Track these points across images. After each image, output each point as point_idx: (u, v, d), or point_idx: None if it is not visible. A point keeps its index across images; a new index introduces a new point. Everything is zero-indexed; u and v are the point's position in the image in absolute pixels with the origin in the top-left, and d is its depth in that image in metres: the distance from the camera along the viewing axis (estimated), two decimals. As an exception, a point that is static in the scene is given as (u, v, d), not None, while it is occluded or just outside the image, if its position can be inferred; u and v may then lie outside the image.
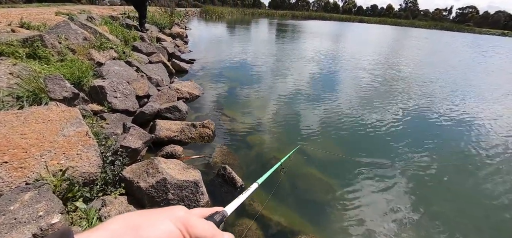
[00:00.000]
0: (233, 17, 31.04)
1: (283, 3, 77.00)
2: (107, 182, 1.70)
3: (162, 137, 2.47)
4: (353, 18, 55.98)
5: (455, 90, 5.28)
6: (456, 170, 2.54)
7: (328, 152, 2.64)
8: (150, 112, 2.83)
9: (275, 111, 3.59)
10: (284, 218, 1.79)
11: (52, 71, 2.47)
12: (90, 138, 1.77)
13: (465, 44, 18.22)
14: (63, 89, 2.31)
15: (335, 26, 30.53)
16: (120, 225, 0.26)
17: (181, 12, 18.42)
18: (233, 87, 4.47)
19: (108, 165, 1.81)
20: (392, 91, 4.94)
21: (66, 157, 1.56)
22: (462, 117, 3.81)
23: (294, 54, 8.47)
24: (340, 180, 2.21)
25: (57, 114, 1.86)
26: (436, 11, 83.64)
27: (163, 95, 3.33)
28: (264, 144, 2.71)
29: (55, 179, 1.42)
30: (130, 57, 4.19)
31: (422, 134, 3.21)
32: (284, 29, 19.42)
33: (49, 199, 1.30)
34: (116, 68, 3.38)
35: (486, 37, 33.60)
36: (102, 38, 4.10)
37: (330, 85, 5.06)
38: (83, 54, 3.25)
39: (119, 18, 7.18)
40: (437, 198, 2.11)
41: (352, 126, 3.28)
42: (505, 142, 3.16)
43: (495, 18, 74.05)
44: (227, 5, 56.66)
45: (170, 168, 1.81)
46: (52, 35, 3.10)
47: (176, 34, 9.12)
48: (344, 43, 13.15)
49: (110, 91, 2.76)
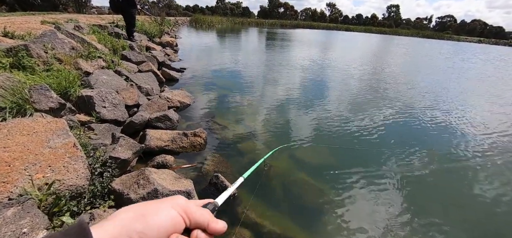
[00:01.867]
0: (223, 26, 31.30)
1: (272, 13, 78.49)
2: (95, 195, 1.65)
3: (152, 146, 2.43)
4: (340, 27, 57.73)
5: (447, 95, 5.51)
6: (442, 170, 2.63)
7: (316, 158, 2.68)
8: (140, 122, 2.78)
9: (266, 118, 3.61)
10: (271, 220, 1.79)
11: (38, 81, 2.39)
12: (78, 149, 1.72)
13: (453, 52, 19.19)
14: (49, 99, 2.24)
15: (323, 34, 31.34)
16: (129, 214, 0.29)
17: (170, 21, 18.40)
18: (224, 95, 4.48)
19: (96, 177, 1.76)
20: (381, 96, 5.09)
21: (52, 169, 1.51)
22: (449, 120, 3.97)
23: (283, 62, 8.60)
24: (328, 182, 2.24)
25: (43, 126, 1.80)
26: (417, 20, 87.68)
27: (153, 104, 3.29)
28: (256, 151, 2.72)
29: (40, 194, 1.37)
30: (119, 67, 4.13)
31: (410, 136, 3.31)
32: (273, 37, 19.74)
33: (34, 214, 1.25)
34: (104, 78, 3.32)
35: (465, 44, 35.43)
36: (90, 48, 4.03)
37: (320, 92, 5.16)
38: (70, 63, 3.18)
39: (107, 27, 7.08)
40: (422, 199, 2.17)
41: (341, 129, 3.35)
42: (495, 142, 3.30)
43: (471, 27, 78.43)
44: (217, 14, 57.12)
45: (161, 178, 1.78)
46: (38, 44, 3.02)
47: (166, 43, 9.09)
48: (333, 51, 13.50)
49: (99, 101, 2.70)
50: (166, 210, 0.32)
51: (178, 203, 0.33)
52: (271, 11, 79.16)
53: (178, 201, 0.34)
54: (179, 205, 0.33)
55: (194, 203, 0.37)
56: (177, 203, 0.33)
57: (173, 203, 0.33)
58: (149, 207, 0.31)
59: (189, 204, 0.34)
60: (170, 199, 0.34)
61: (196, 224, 0.33)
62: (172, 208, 0.32)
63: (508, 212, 2.13)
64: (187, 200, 0.35)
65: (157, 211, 0.31)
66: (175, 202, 0.33)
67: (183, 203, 0.34)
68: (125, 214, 0.29)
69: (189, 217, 0.33)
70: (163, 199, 0.33)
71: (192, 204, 0.35)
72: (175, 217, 0.32)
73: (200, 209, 0.35)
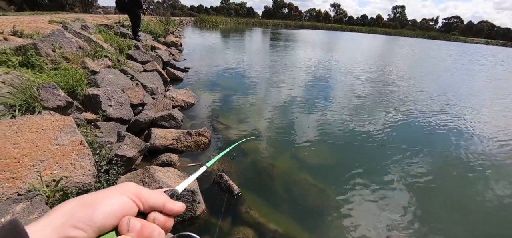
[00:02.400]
0: (228, 26, 31.40)
1: (276, 13, 78.44)
2: (101, 192, 1.67)
3: (157, 145, 2.45)
4: (344, 28, 57.41)
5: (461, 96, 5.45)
6: (448, 173, 2.60)
7: (320, 160, 2.67)
8: (145, 121, 2.81)
9: (269, 118, 3.61)
10: (274, 220, 1.79)
11: (46, 79, 2.44)
12: (85, 146, 1.75)
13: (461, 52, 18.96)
14: (56, 98, 2.28)
15: (327, 35, 31.22)
16: (74, 204, 0.28)
17: (175, 21, 18.52)
18: (228, 94, 4.49)
19: (102, 174, 1.78)
20: (390, 100, 5.05)
21: (59, 166, 1.53)
22: (459, 122, 3.92)
23: (287, 62, 8.59)
24: (331, 182, 2.23)
25: (51, 123, 1.83)
26: (423, 21, 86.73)
27: (158, 103, 3.32)
28: (260, 151, 2.72)
29: (48, 190, 1.39)
30: (124, 66, 4.18)
31: (418, 137, 3.28)
32: (277, 38, 19.73)
33: (42, 210, 1.27)
34: (110, 77, 3.36)
35: (472, 45, 34.93)
36: (96, 47, 4.09)
37: (325, 93, 5.14)
38: (77, 62, 3.22)
39: (113, 26, 7.17)
40: (426, 201, 2.15)
41: (346, 132, 3.33)
42: (500, 146, 3.26)
43: (478, 28, 77.25)
44: (221, 14, 57.31)
45: (166, 177, 1.80)
46: (46, 43, 3.07)
47: (171, 42, 9.15)
48: (338, 51, 13.43)
49: (105, 100, 2.74)
50: (115, 196, 0.30)
51: (128, 189, 0.32)
52: (275, 11, 79.14)
53: (128, 187, 0.33)
54: (130, 190, 0.32)
55: (150, 190, 0.37)
56: (127, 189, 0.32)
57: (123, 189, 0.32)
58: (96, 195, 0.30)
59: (141, 189, 0.33)
60: (120, 186, 0.33)
61: (151, 207, 0.33)
62: (122, 194, 0.31)
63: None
64: (138, 185, 0.34)
65: (105, 197, 0.30)
66: (125, 188, 0.32)
67: (134, 189, 0.33)
68: (69, 204, 0.28)
69: (142, 200, 0.32)
70: (113, 187, 0.32)
71: (145, 189, 0.34)
72: (125, 202, 0.31)
73: (154, 191, 0.35)
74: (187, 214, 1.70)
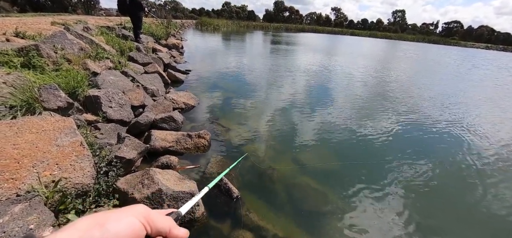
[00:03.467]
0: (229, 29, 31.54)
1: (277, 16, 78.79)
2: (100, 194, 1.67)
3: (157, 147, 2.45)
4: (345, 31, 57.59)
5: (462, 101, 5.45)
6: (450, 180, 2.58)
7: (321, 163, 2.67)
8: (145, 123, 2.81)
9: (270, 121, 3.61)
10: (273, 223, 1.78)
11: (47, 80, 2.45)
12: (84, 148, 1.75)
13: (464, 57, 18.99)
14: (57, 99, 2.28)
15: (328, 38, 31.32)
16: (87, 223, 0.29)
17: (177, 24, 18.62)
18: (228, 97, 4.50)
19: (102, 176, 1.78)
20: (393, 106, 5.05)
21: (59, 167, 1.53)
22: (461, 129, 3.91)
23: (288, 65, 8.61)
24: (330, 186, 2.22)
25: (51, 124, 1.83)
26: (423, 25, 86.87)
27: (158, 105, 3.33)
28: (260, 154, 2.71)
29: (47, 191, 1.39)
30: (125, 68, 4.19)
31: (418, 145, 3.27)
32: (278, 41, 19.79)
33: (41, 211, 1.27)
34: (111, 78, 3.37)
35: (473, 50, 35.00)
36: (98, 48, 4.11)
37: (325, 96, 5.14)
38: (79, 64, 3.24)
39: (115, 28, 7.21)
40: (427, 207, 2.14)
41: (346, 135, 3.33)
42: (498, 150, 3.24)
43: (478, 32, 77.37)
44: (223, 17, 57.60)
45: (165, 179, 1.79)
46: (48, 44, 3.09)
47: (172, 45, 9.19)
48: (339, 56, 13.46)
49: (105, 101, 2.74)
50: (127, 218, 0.32)
51: (139, 211, 0.34)
52: (276, 15, 79.51)
53: (139, 209, 0.34)
54: (140, 213, 0.34)
55: (157, 212, 0.38)
56: (138, 211, 0.34)
57: (133, 211, 0.33)
58: (108, 215, 0.31)
59: (150, 212, 0.35)
60: (131, 208, 0.34)
61: (158, 231, 0.34)
62: (132, 216, 0.32)
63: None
64: (148, 208, 0.35)
65: (117, 219, 0.31)
66: (135, 210, 0.34)
67: (144, 211, 0.34)
68: (83, 223, 0.29)
69: (150, 224, 0.33)
70: (125, 207, 0.34)
71: (154, 213, 0.35)
72: (135, 224, 0.32)
73: (162, 216, 0.36)
74: (186, 217, 1.69)
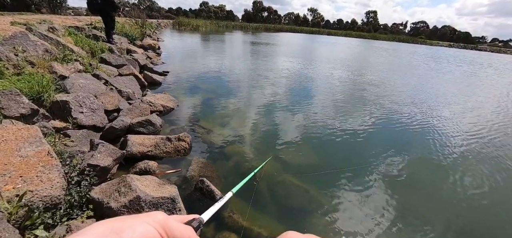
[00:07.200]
0: (208, 29, 31.06)
1: (256, 16, 79.05)
2: (72, 205, 1.56)
3: (134, 152, 2.35)
4: (322, 31, 59.26)
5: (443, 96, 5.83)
6: (426, 170, 2.77)
7: (303, 161, 2.73)
8: (120, 127, 2.68)
9: (251, 122, 3.62)
10: (266, 228, 1.79)
11: (7, 86, 2.24)
12: (52, 157, 1.63)
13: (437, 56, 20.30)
14: (19, 105, 2.10)
15: (306, 38, 32.06)
16: (103, 229, 0.28)
17: (152, 24, 17.96)
18: (208, 98, 4.43)
19: (73, 186, 1.67)
20: (364, 100, 5.29)
21: (23, 180, 1.41)
22: (430, 120, 4.20)
23: (268, 66, 8.68)
24: (316, 187, 2.28)
25: (13, 134, 1.68)
26: (394, 25, 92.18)
27: (134, 109, 3.19)
28: (241, 155, 2.71)
29: (10, 206, 1.27)
30: (97, 70, 3.96)
31: (394, 140, 3.46)
32: (258, 41, 19.87)
33: (3, 229, 1.16)
34: (82, 82, 3.17)
35: (438, 48, 37.81)
36: (65, 50, 3.84)
37: (304, 96, 5.26)
38: (44, 67, 3.00)
39: (85, 29, 6.78)
40: (414, 203, 2.28)
41: (327, 134, 3.43)
42: (471, 142, 3.54)
43: (442, 32, 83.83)
44: (201, 17, 56.57)
45: (144, 185, 1.73)
46: (7, 46, 2.83)
47: (148, 45, 8.85)
48: (318, 55, 13.82)
49: (75, 106, 2.57)
50: (142, 226, 0.30)
51: (156, 219, 0.32)
52: (255, 15, 79.73)
53: (156, 217, 0.32)
54: (157, 221, 0.32)
55: (177, 219, 0.36)
56: (155, 218, 0.32)
57: (150, 219, 0.32)
58: (124, 222, 0.29)
59: (168, 220, 0.33)
60: (149, 215, 0.32)
61: None
62: (148, 224, 0.31)
63: (495, 212, 2.28)
64: (167, 216, 0.33)
65: (132, 226, 0.29)
66: (153, 218, 0.32)
67: (162, 219, 0.32)
68: (97, 229, 0.27)
69: (168, 234, 0.31)
70: (142, 214, 0.32)
71: (172, 221, 0.33)
72: (151, 233, 0.30)
73: (181, 225, 0.34)
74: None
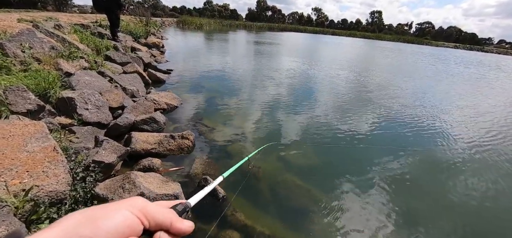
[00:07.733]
0: (211, 27, 31.09)
1: (260, 16, 78.94)
2: (77, 201, 1.58)
3: (138, 149, 2.36)
4: (326, 31, 58.94)
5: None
6: (433, 172, 2.74)
7: (306, 162, 2.72)
8: (125, 125, 2.70)
9: (255, 120, 3.62)
10: (259, 221, 1.79)
11: (14, 82, 2.27)
12: (58, 153, 1.64)
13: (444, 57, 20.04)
14: (26, 101, 2.13)
15: (310, 38, 31.94)
16: (76, 219, 0.26)
17: (157, 22, 18.05)
18: (212, 97, 4.44)
19: (78, 182, 1.68)
20: (372, 102, 5.25)
21: (30, 175, 1.43)
22: (435, 121, 4.16)
23: (272, 65, 8.67)
24: (315, 182, 2.28)
25: (20, 129, 1.71)
26: (399, 25, 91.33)
27: (139, 106, 3.21)
28: (244, 153, 2.71)
29: (17, 200, 1.29)
30: (102, 67, 3.99)
31: (394, 136, 3.44)
32: (261, 41, 19.85)
33: (10, 223, 1.18)
34: (87, 79, 3.20)
35: (443, 49, 37.36)
36: (71, 47, 3.87)
37: (309, 96, 5.24)
38: (50, 64, 3.03)
39: (90, 26, 6.84)
40: (410, 200, 2.26)
41: (332, 136, 3.41)
42: (474, 143, 3.50)
43: (448, 33, 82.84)
44: (204, 16, 56.65)
45: (148, 182, 1.74)
46: (14, 43, 2.86)
47: (152, 44, 8.90)
48: (322, 55, 13.76)
49: (81, 103, 2.60)
50: (121, 213, 0.29)
51: (134, 204, 0.31)
52: (259, 14, 79.62)
53: (136, 203, 0.31)
54: (136, 205, 0.31)
55: (162, 204, 0.35)
56: (134, 204, 0.31)
57: (128, 204, 0.31)
58: (100, 210, 0.28)
59: (148, 204, 0.32)
60: (127, 201, 0.31)
61: (158, 225, 0.31)
62: (126, 209, 0.30)
63: (497, 211, 2.25)
64: (146, 200, 0.32)
65: (109, 213, 0.28)
66: (131, 203, 0.31)
67: (141, 204, 0.31)
68: (71, 219, 0.26)
69: (148, 218, 0.31)
70: (120, 201, 0.31)
71: (152, 205, 0.32)
72: (130, 219, 0.29)
73: (162, 209, 0.33)
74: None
